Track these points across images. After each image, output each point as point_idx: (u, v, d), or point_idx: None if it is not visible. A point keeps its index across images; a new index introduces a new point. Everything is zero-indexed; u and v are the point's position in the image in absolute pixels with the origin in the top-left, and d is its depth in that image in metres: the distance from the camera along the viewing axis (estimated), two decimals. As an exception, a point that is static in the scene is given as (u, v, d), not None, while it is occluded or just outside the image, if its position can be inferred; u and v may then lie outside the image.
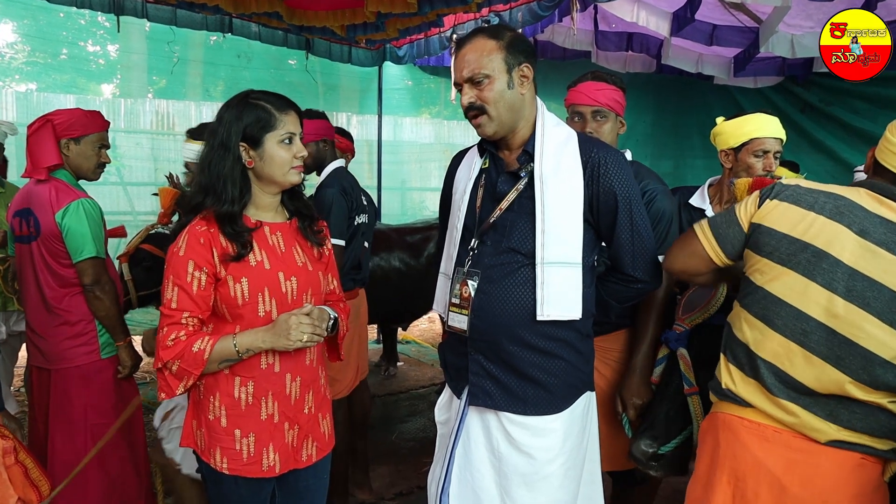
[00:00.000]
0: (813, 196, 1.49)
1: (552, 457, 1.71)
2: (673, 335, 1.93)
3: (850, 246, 1.41)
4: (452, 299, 1.79)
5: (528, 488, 1.71)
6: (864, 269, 1.39)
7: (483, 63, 1.68)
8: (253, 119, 1.67)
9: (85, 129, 2.52)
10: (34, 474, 1.68)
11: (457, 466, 1.78)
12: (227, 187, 1.66)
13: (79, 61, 5.31)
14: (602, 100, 2.16)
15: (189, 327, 1.64)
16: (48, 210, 2.41)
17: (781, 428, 1.48)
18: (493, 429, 1.75)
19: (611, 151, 1.76)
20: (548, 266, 1.67)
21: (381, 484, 3.45)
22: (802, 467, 1.45)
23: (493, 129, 1.73)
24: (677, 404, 1.89)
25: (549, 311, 1.67)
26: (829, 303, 1.42)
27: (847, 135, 5.17)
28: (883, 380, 1.38)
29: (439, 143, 7.00)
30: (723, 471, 1.55)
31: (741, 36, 4.57)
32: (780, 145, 2.38)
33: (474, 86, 1.70)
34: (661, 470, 1.91)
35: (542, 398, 1.72)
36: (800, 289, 1.46)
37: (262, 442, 1.70)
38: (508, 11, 4.15)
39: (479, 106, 1.70)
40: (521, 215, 1.72)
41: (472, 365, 1.76)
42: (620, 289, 1.84)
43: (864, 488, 1.44)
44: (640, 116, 6.26)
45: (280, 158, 1.69)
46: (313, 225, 1.84)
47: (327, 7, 4.00)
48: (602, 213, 1.73)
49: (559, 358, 1.73)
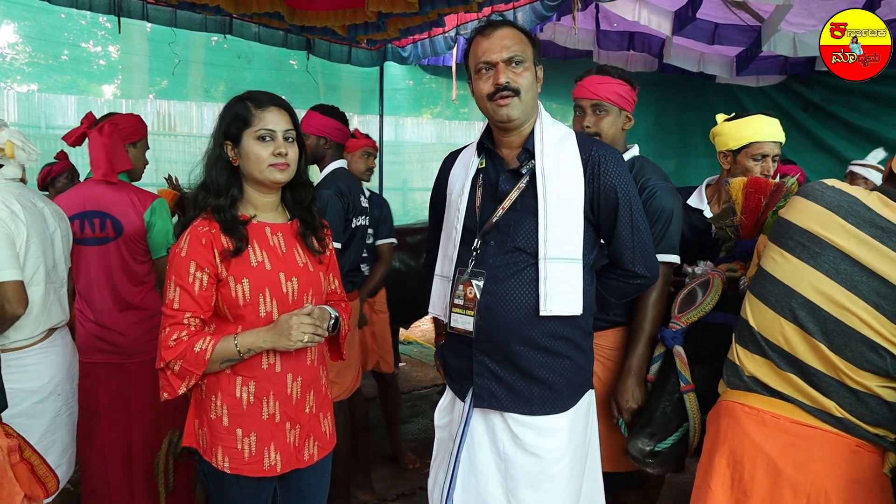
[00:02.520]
0: (822, 188, 1.57)
1: (558, 456, 1.71)
2: (669, 333, 1.93)
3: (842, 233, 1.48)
4: (455, 300, 1.78)
5: (534, 489, 1.71)
6: (855, 255, 1.46)
7: (523, 48, 1.71)
8: (232, 117, 1.70)
9: (141, 134, 2.72)
10: (41, 471, 1.68)
11: (462, 471, 1.77)
12: (214, 182, 1.70)
13: (80, 62, 5.30)
14: (602, 93, 2.14)
15: (191, 328, 1.64)
16: (131, 210, 2.56)
17: (780, 414, 1.53)
18: (499, 430, 1.74)
19: (609, 150, 1.78)
20: (550, 262, 1.67)
21: (383, 485, 3.46)
22: (797, 451, 1.49)
23: (519, 114, 1.72)
24: (674, 402, 1.90)
25: (552, 305, 1.67)
26: (818, 282, 1.49)
27: (849, 133, 5.15)
28: (867, 358, 1.43)
29: (441, 143, 7.00)
30: (722, 454, 1.59)
31: (743, 35, 4.55)
32: (779, 149, 2.37)
33: (512, 67, 1.70)
34: (658, 467, 1.91)
35: (548, 398, 1.72)
36: (792, 268, 1.54)
37: (263, 441, 1.71)
38: (511, 11, 4.15)
39: (514, 87, 1.70)
40: (525, 214, 1.72)
41: (477, 367, 1.76)
42: (620, 284, 1.85)
43: (860, 475, 1.47)
44: (642, 116, 6.23)
45: (255, 155, 1.69)
46: (316, 234, 1.83)
47: (328, 7, 4.00)
48: (603, 211, 1.74)
49: (565, 357, 1.73)
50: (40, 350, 2.19)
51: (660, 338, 1.97)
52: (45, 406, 2.20)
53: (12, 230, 2.07)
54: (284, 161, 1.70)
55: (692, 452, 1.89)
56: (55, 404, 2.24)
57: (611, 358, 2.16)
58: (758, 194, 2.01)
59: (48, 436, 2.21)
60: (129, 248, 2.57)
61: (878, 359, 1.42)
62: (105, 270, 2.57)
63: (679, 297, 2.00)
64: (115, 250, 2.56)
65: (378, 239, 3.40)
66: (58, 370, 2.24)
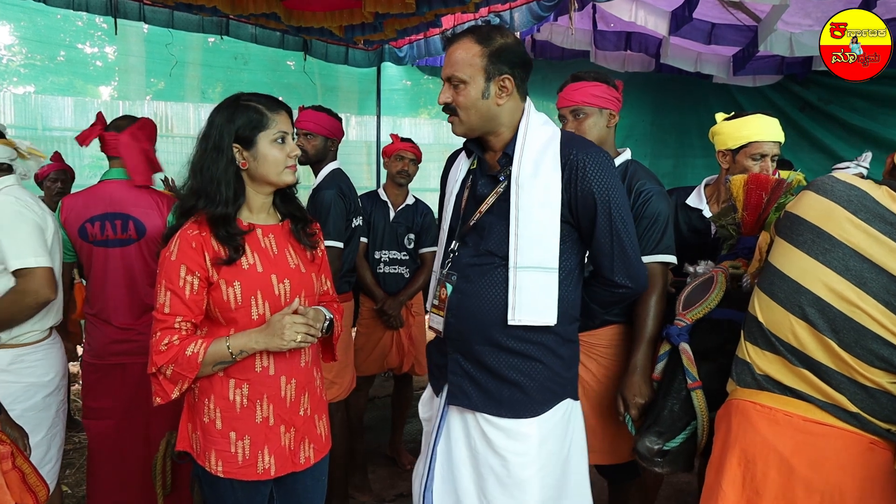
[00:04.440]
0: (831, 182, 1.56)
1: (527, 461, 1.69)
2: (675, 330, 1.92)
3: (851, 229, 1.47)
4: (434, 301, 1.81)
5: (502, 489, 1.70)
6: (864, 251, 1.44)
7: (463, 67, 1.68)
8: (245, 120, 1.67)
9: (156, 137, 2.72)
10: (31, 480, 1.67)
11: (438, 463, 1.79)
12: (221, 189, 1.65)
13: (76, 64, 5.30)
14: (578, 98, 2.17)
15: (182, 332, 1.63)
16: (154, 212, 2.55)
17: (792, 412, 1.51)
18: (472, 428, 1.75)
19: (591, 152, 1.70)
20: (521, 270, 1.66)
21: (381, 486, 3.45)
22: (810, 449, 1.48)
23: (462, 131, 1.76)
24: (681, 400, 1.88)
25: (521, 315, 1.66)
26: (827, 278, 1.47)
27: (846, 133, 5.16)
28: (878, 355, 1.42)
29: (438, 143, 7.00)
30: (733, 453, 1.57)
31: (740, 34, 4.56)
32: (778, 148, 2.37)
33: (452, 87, 1.71)
34: (666, 466, 1.90)
35: (518, 400, 1.70)
36: (801, 264, 1.53)
37: (257, 445, 1.70)
38: (508, 12, 4.15)
39: (451, 107, 1.72)
40: (500, 218, 1.71)
41: (451, 364, 1.77)
42: (602, 293, 1.82)
43: (875, 473, 1.45)
44: (640, 116, 6.25)
45: (273, 158, 1.69)
46: (306, 227, 1.83)
47: (325, 7, 4.00)
48: (581, 216, 1.70)
49: (536, 360, 1.71)
50: (48, 345, 2.29)
51: (665, 335, 1.96)
52: (52, 399, 2.30)
53: (41, 221, 2.19)
54: (295, 162, 1.73)
55: (701, 451, 1.89)
56: (58, 398, 2.34)
57: (606, 356, 2.17)
58: (759, 191, 2.01)
59: (53, 428, 2.30)
60: (150, 249, 2.56)
61: (890, 355, 1.41)
62: (126, 272, 2.55)
63: (683, 295, 1.99)
64: (137, 251, 2.55)
65: (422, 247, 3.58)
66: (61, 365, 2.35)
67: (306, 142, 2.99)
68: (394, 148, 3.57)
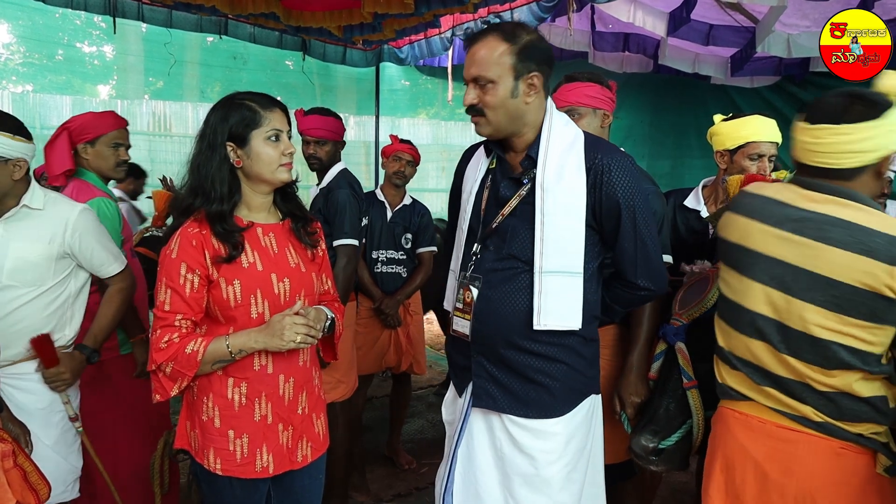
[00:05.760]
0: (742, 198, 1.61)
1: (554, 459, 1.70)
2: (671, 329, 1.93)
3: (767, 238, 1.50)
4: (457, 304, 1.79)
5: (530, 488, 1.70)
6: (782, 256, 1.47)
7: (490, 66, 1.63)
8: (238, 118, 1.67)
9: (97, 131, 2.57)
10: (33, 478, 1.67)
11: (460, 465, 1.78)
12: (215, 186, 1.66)
13: (75, 63, 5.28)
14: (572, 99, 2.17)
15: (182, 329, 1.63)
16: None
17: (766, 419, 1.54)
18: (497, 430, 1.74)
19: (616, 156, 1.69)
20: (546, 275, 1.65)
21: (380, 486, 3.45)
22: (781, 455, 1.51)
23: (490, 132, 1.72)
24: (677, 398, 1.90)
25: (547, 320, 1.66)
26: (760, 292, 1.51)
27: (843, 134, 5.16)
28: (827, 356, 1.43)
29: (437, 143, 6.99)
30: (716, 459, 1.62)
31: (737, 36, 4.57)
32: (776, 149, 2.38)
33: (478, 87, 1.66)
34: (661, 464, 1.91)
35: (545, 401, 1.71)
36: (738, 286, 1.57)
37: (255, 443, 1.70)
38: (508, 12, 4.15)
39: (479, 109, 1.68)
40: (523, 222, 1.70)
41: (476, 367, 1.76)
42: (625, 294, 1.82)
43: (849, 478, 1.47)
44: (638, 117, 6.26)
45: (267, 156, 1.68)
46: (307, 226, 1.83)
47: (324, 7, 4.00)
48: (605, 220, 1.70)
49: (561, 362, 1.71)
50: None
51: (661, 335, 1.97)
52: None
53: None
54: (290, 160, 1.72)
55: (696, 449, 1.90)
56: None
57: (603, 356, 2.16)
58: None
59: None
60: None
61: (840, 353, 1.42)
62: None
63: (679, 295, 2.00)
64: None
65: (419, 247, 3.61)
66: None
67: (319, 149, 3.01)
68: (392, 149, 3.59)
